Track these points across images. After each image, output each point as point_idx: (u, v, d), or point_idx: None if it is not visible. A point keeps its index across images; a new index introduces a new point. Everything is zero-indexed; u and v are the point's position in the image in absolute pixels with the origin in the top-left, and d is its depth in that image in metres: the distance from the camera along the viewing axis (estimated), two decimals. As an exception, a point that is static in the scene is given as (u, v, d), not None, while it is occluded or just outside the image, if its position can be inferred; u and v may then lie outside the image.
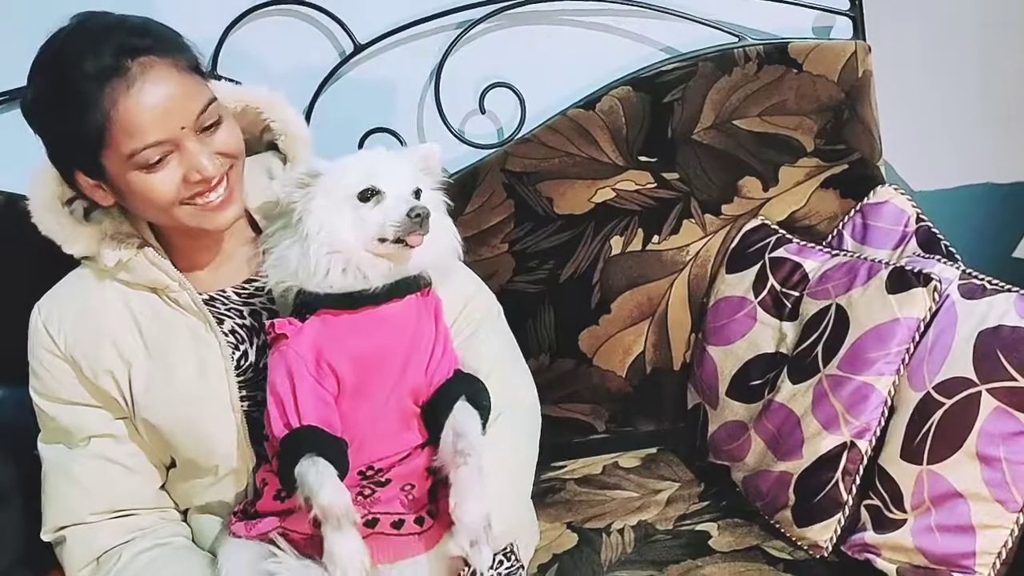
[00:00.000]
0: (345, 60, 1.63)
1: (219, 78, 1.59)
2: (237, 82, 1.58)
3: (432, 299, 1.23)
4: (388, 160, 1.20)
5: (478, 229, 1.63)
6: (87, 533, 1.25)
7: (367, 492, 1.17)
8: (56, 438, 1.26)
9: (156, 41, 1.14)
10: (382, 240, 1.15)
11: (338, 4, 1.60)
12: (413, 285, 1.19)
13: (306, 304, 1.17)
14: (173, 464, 1.29)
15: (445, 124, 1.65)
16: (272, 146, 1.33)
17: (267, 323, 1.19)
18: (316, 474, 1.08)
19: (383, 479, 1.18)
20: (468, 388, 1.20)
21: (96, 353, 1.22)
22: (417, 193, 1.18)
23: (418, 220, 1.13)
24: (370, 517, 1.14)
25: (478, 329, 1.33)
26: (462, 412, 1.17)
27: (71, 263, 1.26)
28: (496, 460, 1.19)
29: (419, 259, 1.18)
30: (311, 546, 1.14)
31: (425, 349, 1.19)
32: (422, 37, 1.64)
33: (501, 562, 1.28)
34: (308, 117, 1.63)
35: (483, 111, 1.65)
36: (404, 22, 1.62)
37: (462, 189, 1.62)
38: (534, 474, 1.34)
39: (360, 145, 1.64)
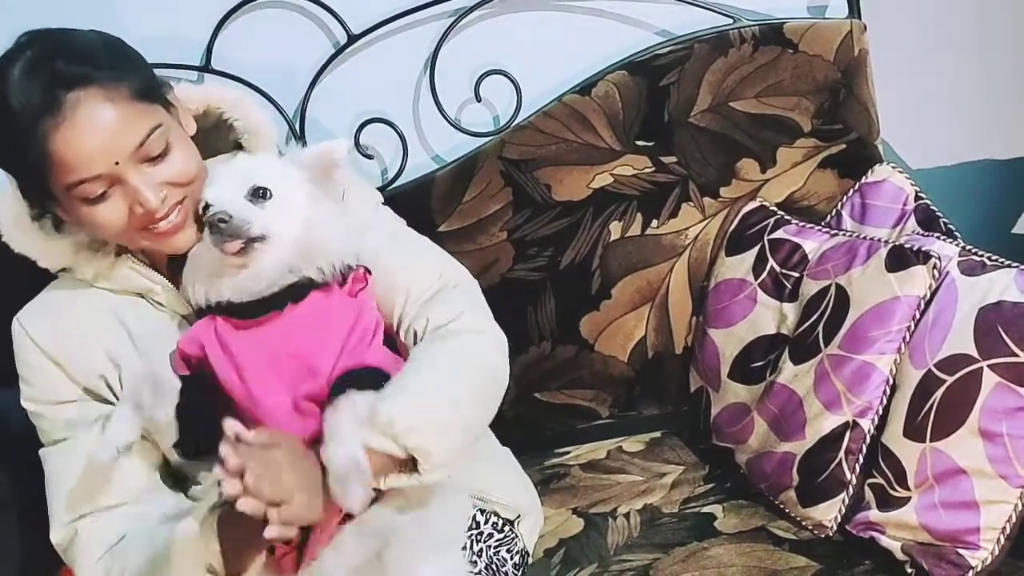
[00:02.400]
0: (339, 51, 1.62)
1: (213, 72, 1.60)
2: (233, 76, 1.59)
3: (354, 301, 1.16)
4: (231, 167, 1.16)
5: (477, 217, 1.63)
6: (99, 523, 1.22)
7: None
8: (58, 435, 1.24)
9: (95, 68, 1.10)
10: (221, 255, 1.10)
11: (331, -5, 1.60)
12: (296, 292, 1.12)
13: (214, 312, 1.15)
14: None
15: (441, 113, 1.65)
16: (239, 145, 1.31)
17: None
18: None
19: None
20: (362, 380, 1.10)
21: (84, 359, 1.21)
22: (259, 192, 1.11)
23: (216, 230, 1.07)
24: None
25: (444, 287, 1.27)
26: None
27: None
28: (430, 379, 1.12)
29: (273, 262, 1.10)
30: None
31: (329, 354, 1.12)
32: (416, 26, 1.63)
33: (491, 535, 1.29)
34: (303, 109, 1.63)
35: (479, 99, 1.65)
36: (397, 11, 1.61)
37: (459, 178, 1.62)
38: (484, 417, 1.22)
39: (356, 136, 1.64)
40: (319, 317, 1.13)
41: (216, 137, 1.29)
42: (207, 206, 1.11)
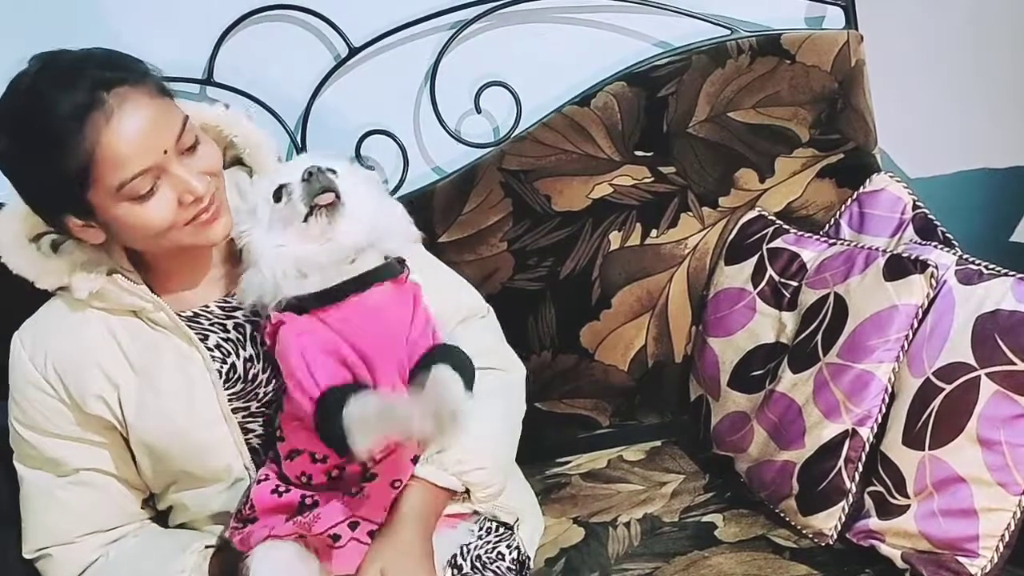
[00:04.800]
0: (340, 63, 1.63)
1: (215, 85, 1.61)
2: (234, 89, 1.61)
3: (410, 286, 1.23)
4: (293, 161, 1.23)
5: (477, 228, 1.63)
6: (73, 551, 1.26)
7: (354, 491, 1.17)
8: (39, 465, 1.26)
9: (126, 71, 1.13)
10: (305, 220, 1.15)
11: (332, 8, 1.60)
12: (385, 270, 1.19)
13: (292, 308, 1.18)
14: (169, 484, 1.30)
15: (441, 124, 1.66)
16: (237, 161, 1.33)
17: (263, 323, 1.20)
18: (363, 401, 1.09)
19: (372, 472, 1.18)
20: (447, 353, 1.19)
21: (84, 380, 1.22)
22: (329, 171, 1.18)
23: (314, 180, 1.14)
24: (353, 519, 1.16)
25: (466, 318, 1.38)
26: (441, 372, 1.14)
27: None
28: (484, 421, 1.22)
29: (351, 236, 1.17)
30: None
31: (402, 334, 1.19)
32: (416, 38, 1.64)
33: (489, 530, 1.30)
34: (304, 121, 1.64)
35: (479, 110, 1.66)
36: (398, 24, 1.62)
37: (460, 189, 1.63)
38: (515, 449, 1.38)
39: (357, 148, 1.65)
40: (398, 303, 1.19)
41: None
42: (282, 186, 1.17)
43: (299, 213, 1.16)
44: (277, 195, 1.18)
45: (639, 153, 1.63)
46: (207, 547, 1.26)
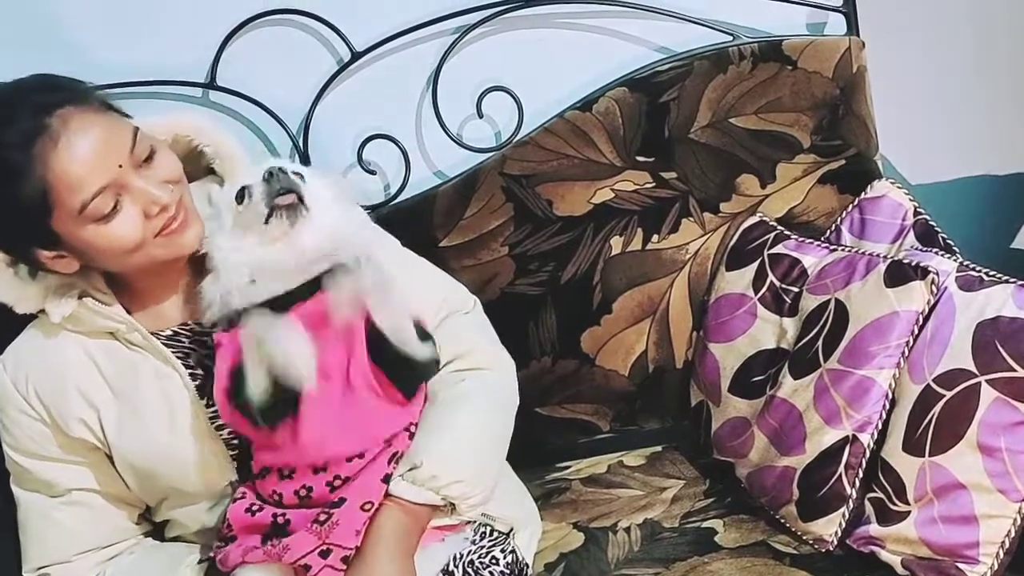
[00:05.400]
0: (343, 68, 1.64)
1: (217, 89, 1.61)
2: (236, 93, 1.61)
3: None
4: (261, 163, 1.21)
5: (478, 233, 1.64)
6: (70, 570, 1.27)
7: (323, 518, 1.15)
8: (33, 487, 1.26)
9: (65, 91, 1.12)
10: (266, 221, 1.14)
11: (334, 13, 1.61)
12: (340, 277, 1.17)
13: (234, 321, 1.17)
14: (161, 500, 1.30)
15: (443, 129, 1.66)
16: (210, 171, 1.32)
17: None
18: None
19: (339, 498, 1.16)
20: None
21: (65, 404, 1.22)
22: (295, 174, 1.16)
23: (274, 180, 1.13)
24: (324, 547, 1.13)
25: (451, 313, 1.35)
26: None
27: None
28: (463, 429, 1.21)
29: (313, 239, 1.15)
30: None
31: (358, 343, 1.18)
32: (418, 43, 1.65)
33: (483, 535, 1.30)
34: (307, 125, 1.64)
35: (480, 115, 1.66)
36: (400, 29, 1.63)
37: (461, 193, 1.64)
38: (506, 446, 1.33)
39: (359, 153, 1.65)
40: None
41: (187, 163, 1.28)
42: (244, 188, 1.15)
43: (259, 214, 1.14)
44: (239, 196, 1.16)
45: (640, 158, 1.63)
46: (201, 561, 1.27)
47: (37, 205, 1.09)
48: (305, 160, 1.64)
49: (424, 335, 1.21)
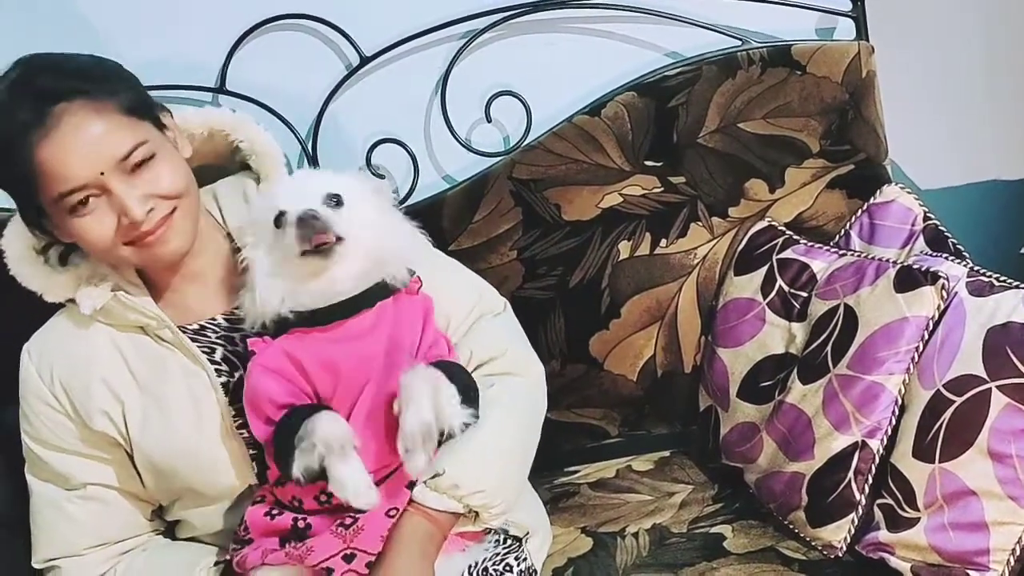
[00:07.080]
0: (352, 72, 1.64)
1: (227, 94, 1.62)
2: (246, 98, 1.61)
3: (420, 301, 1.22)
4: (298, 179, 1.22)
5: (487, 237, 1.64)
6: (81, 564, 1.26)
7: (347, 522, 1.15)
8: (48, 478, 1.26)
9: (84, 82, 1.12)
10: (302, 255, 1.13)
11: (344, 17, 1.61)
12: (380, 292, 1.17)
13: (278, 326, 1.17)
14: (173, 501, 1.30)
15: (452, 133, 1.66)
16: (245, 166, 1.32)
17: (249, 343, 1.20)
18: (309, 419, 1.10)
19: None
20: (445, 369, 1.17)
21: (89, 395, 1.22)
22: (332, 199, 1.15)
23: (307, 227, 1.11)
24: (348, 551, 1.13)
25: (483, 315, 1.35)
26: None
27: None
28: (487, 437, 1.20)
29: (348, 270, 1.15)
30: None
31: (408, 354, 1.18)
32: (427, 48, 1.65)
33: (497, 542, 1.29)
34: (316, 130, 1.65)
35: (489, 120, 1.67)
36: (409, 33, 1.63)
37: (470, 198, 1.64)
38: (532, 456, 1.32)
39: (368, 157, 1.66)
40: (393, 321, 1.17)
41: (223, 159, 1.31)
42: (281, 213, 1.15)
43: (294, 251, 1.13)
44: (278, 221, 1.15)
45: (649, 163, 1.63)
46: (216, 563, 1.26)
47: (28, 183, 1.12)
48: (313, 164, 1.65)
49: (471, 399, 1.19)
